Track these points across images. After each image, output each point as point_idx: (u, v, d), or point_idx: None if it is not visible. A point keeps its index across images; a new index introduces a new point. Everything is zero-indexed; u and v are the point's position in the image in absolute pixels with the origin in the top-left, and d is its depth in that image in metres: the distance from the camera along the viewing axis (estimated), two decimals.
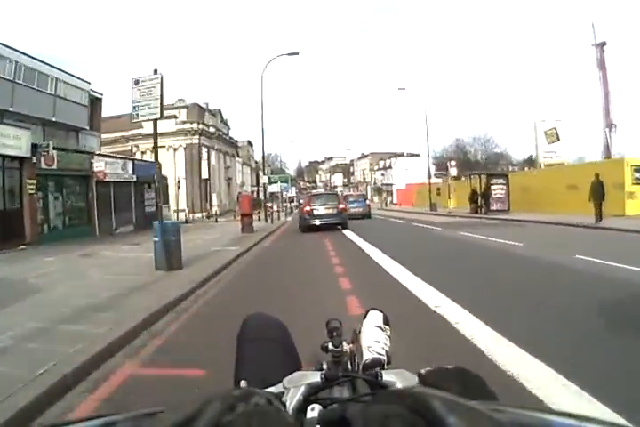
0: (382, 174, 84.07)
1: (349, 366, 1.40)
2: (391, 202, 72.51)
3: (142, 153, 44.54)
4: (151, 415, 0.67)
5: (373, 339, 1.43)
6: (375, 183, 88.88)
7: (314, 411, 0.83)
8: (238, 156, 65.07)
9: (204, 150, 43.00)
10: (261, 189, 59.51)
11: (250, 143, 77.80)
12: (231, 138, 56.52)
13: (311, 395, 0.93)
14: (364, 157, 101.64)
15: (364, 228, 21.92)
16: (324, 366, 1.26)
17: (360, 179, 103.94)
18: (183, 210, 42.60)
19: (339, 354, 1.28)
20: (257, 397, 0.63)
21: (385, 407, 0.59)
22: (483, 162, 67.25)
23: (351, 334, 1.57)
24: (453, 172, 38.23)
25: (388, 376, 0.98)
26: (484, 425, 0.52)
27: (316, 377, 0.97)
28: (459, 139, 74.05)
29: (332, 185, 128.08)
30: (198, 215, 42.44)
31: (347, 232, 19.81)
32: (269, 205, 54.79)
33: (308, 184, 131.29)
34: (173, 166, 43.04)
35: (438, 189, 44.77)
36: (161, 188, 11.89)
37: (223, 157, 51.45)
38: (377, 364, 1.31)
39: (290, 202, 70.16)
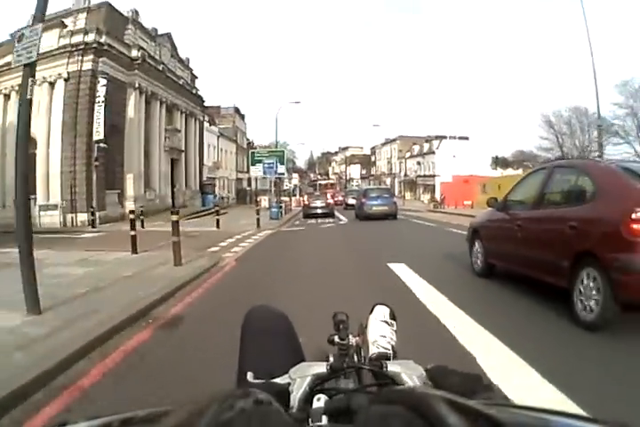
0: (418, 163, 62.05)
1: (355, 359, 1.44)
2: (434, 200, 50.61)
3: (6, 97, 23.48)
4: (151, 416, 0.67)
5: (379, 333, 1.50)
6: (406, 175, 67.00)
7: (320, 401, 0.83)
8: (213, 123, 43.40)
9: (102, 83, 21.24)
10: (257, 176, 38.53)
11: (238, 112, 56.18)
12: (194, 88, 34.68)
13: (317, 385, 0.93)
14: (389, 142, 79.60)
15: None
16: (331, 359, 1.29)
17: (384, 170, 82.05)
18: (55, 206, 21.08)
19: (345, 347, 1.32)
20: (257, 397, 0.63)
21: (385, 407, 0.60)
22: None
23: (358, 327, 1.62)
24: None
25: (392, 367, 0.96)
26: (484, 425, 0.53)
27: (321, 368, 0.96)
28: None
29: (348, 178, 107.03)
30: (85, 218, 21.10)
31: None
32: (261, 198, 34.28)
33: (319, 177, 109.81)
34: (47, 116, 21.53)
35: None
36: None
37: (166, 113, 29.60)
38: (383, 358, 1.36)
39: (290, 196, 48.97)
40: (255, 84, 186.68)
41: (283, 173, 31.23)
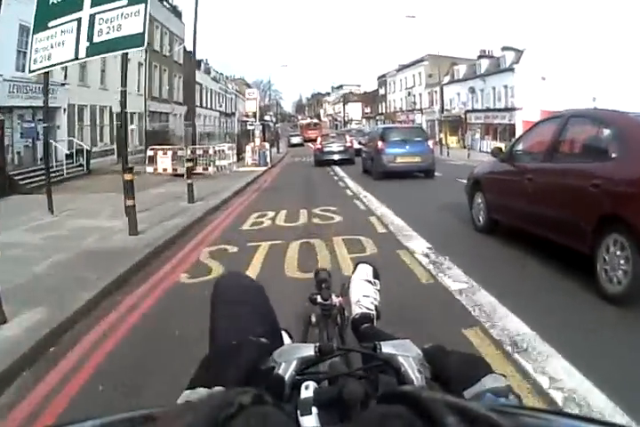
0: (471, 90, 37.79)
1: (338, 320, 1.47)
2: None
3: None
4: (150, 415, 0.65)
5: (362, 293, 1.52)
6: (446, 110, 42.79)
7: (308, 390, 0.76)
8: None
9: None
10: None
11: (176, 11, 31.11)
12: None
13: (304, 369, 0.88)
14: (411, 65, 55.18)
15: None
16: (313, 320, 1.38)
17: (401, 105, 58.08)
18: None
19: (328, 307, 1.33)
20: (255, 395, 0.62)
21: (386, 407, 0.59)
22: None
23: (340, 286, 1.64)
24: None
25: (387, 349, 0.88)
26: None
27: (309, 350, 0.88)
28: None
29: (347, 119, 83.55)
30: None
31: None
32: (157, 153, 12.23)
33: (309, 119, 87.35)
34: None
35: None
36: None
37: None
38: (366, 319, 1.42)
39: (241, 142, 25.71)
40: None
41: (138, 43, 7.27)
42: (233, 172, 17.84)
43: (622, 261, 3.99)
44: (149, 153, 16.44)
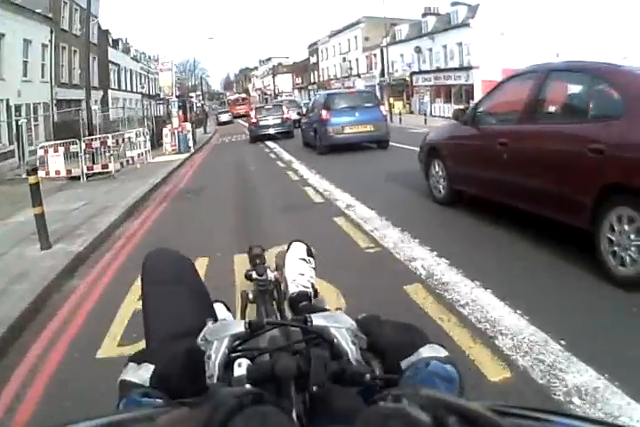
0: (417, 50, 34.41)
1: (275, 295, 1.46)
2: None
3: None
4: (149, 416, 0.65)
5: (298, 271, 1.51)
6: (389, 73, 39.19)
7: (242, 367, 0.77)
8: None
9: None
10: None
11: None
12: None
13: (237, 346, 0.87)
14: (345, 29, 51.56)
15: None
16: (250, 296, 1.38)
17: (335, 72, 54.46)
18: None
19: (264, 283, 1.33)
20: (255, 396, 0.63)
21: (387, 407, 0.61)
22: None
23: (274, 260, 1.67)
24: None
25: (318, 321, 0.86)
26: None
27: (239, 327, 0.86)
28: None
29: (278, 91, 79.11)
30: None
31: None
32: None
33: (238, 95, 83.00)
34: None
35: None
36: None
37: None
38: (304, 297, 1.42)
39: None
40: None
41: None
42: (146, 164, 13.72)
43: (633, 237, 3.35)
44: (40, 152, 11.87)
